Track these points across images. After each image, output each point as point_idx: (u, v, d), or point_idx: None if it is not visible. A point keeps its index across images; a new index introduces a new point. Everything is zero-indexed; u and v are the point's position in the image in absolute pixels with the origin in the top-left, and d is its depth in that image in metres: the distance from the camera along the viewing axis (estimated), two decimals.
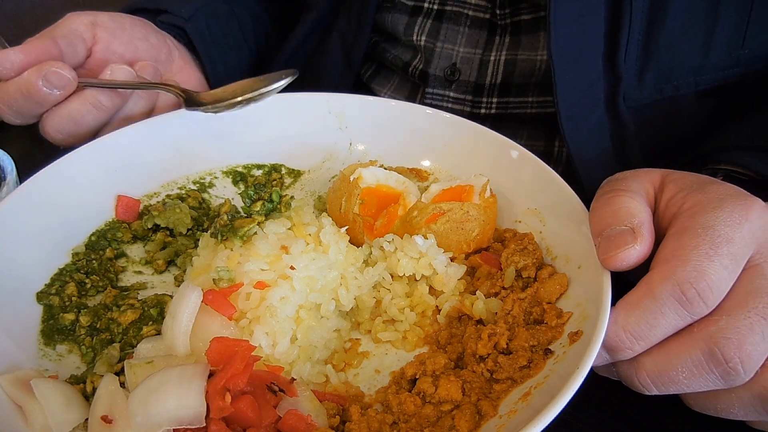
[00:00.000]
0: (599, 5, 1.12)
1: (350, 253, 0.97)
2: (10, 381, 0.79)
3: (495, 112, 1.37)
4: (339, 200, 1.03)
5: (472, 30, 1.36)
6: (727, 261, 0.71)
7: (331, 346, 0.94)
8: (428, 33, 1.40)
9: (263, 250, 0.90)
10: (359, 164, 1.08)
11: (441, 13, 1.39)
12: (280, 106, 1.23)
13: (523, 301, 0.89)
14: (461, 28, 1.37)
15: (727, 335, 0.69)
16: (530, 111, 1.35)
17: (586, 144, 1.18)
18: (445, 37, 1.38)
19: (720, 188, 0.79)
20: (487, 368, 0.84)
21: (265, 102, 1.24)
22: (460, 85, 1.38)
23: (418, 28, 1.41)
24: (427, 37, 1.40)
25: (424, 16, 1.41)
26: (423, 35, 1.40)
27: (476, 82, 1.37)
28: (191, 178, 1.20)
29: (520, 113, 1.36)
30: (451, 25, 1.38)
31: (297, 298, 0.89)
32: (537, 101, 1.33)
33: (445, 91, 1.41)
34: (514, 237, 1.02)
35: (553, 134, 1.36)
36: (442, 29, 1.39)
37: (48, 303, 0.95)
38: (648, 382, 0.74)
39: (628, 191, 0.82)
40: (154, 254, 1.07)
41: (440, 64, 1.39)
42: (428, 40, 1.39)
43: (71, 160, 1.06)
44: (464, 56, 1.37)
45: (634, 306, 0.73)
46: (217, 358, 0.76)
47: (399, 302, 0.97)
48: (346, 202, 1.02)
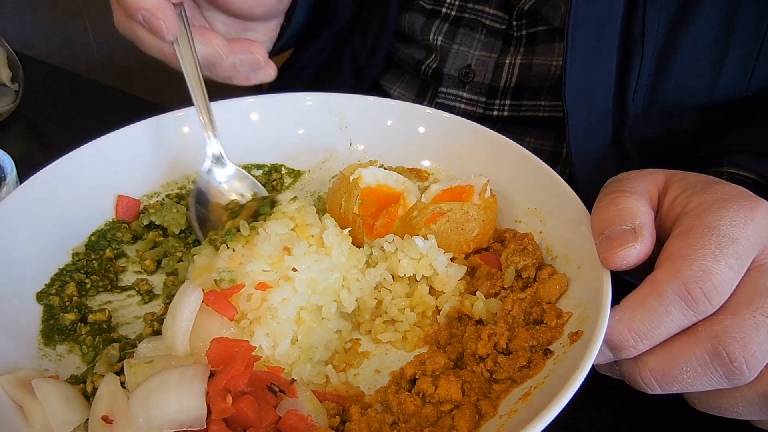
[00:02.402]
0: (612, 50, 1.15)
1: (353, 255, 0.97)
2: (10, 381, 0.79)
3: (507, 114, 1.38)
4: (339, 200, 1.03)
5: (488, 38, 1.37)
6: (733, 261, 0.71)
7: (331, 347, 0.94)
8: (445, 34, 1.41)
9: (265, 250, 0.90)
10: (359, 164, 1.08)
11: (458, 19, 1.40)
12: (280, 106, 1.23)
13: (523, 301, 0.89)
14: (477, 35, 1.38)
15: (732, 334, 0.69)
16: (542, 114, 1.35)
17: (592, 173, 1.21)
18: (462, 40, 1.40)
19: (724, 188, 0.79)
20: (487, 368, 0.84)
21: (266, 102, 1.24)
22: (474, 87, 1.39)
23: (435, 28, 1.41)
24: (443, 37, 1.40)
25: (441, 20, 1.42)
26: (440, 36, 1.41)
27: (490, 84, 1.37)
28: (191, 178, 1.20)
29: (531, 116, 1.37)
30: (468, 31, 1.39)
31: (298, 299, 0.89)
32: (549, 105, 1.34)
33: (458, 91, 1.42)
34: (514, 237, 1.02)
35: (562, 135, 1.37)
36: (458, 33, 1.40)
37: (48, 303, 0.95)
38: (651, 381, 0.74)
39: (631, 192, 0.82)
40: (143, 253, 1.07)
41: (455, 65, 1.40)
42: (445, 40, 1.40)
43: (71, 160, 1.06)
44: (480, 59, 1.38)
45: (639, 305, 0.73)
46: (217, 359, 0.76)
47: (399, 302, 0.97)
48: (346, 202, 1.02)
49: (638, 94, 1.18)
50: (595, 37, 1.13)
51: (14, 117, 1.50)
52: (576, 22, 1.10)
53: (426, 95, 1.49)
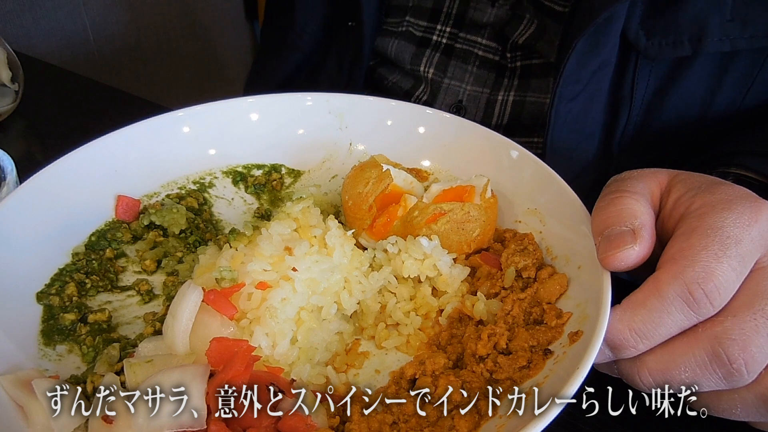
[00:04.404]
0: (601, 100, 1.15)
1: (355, 257, 0.97)
2: (10, 381, 0.79)
3: None
4: (365, 180, 1.02)
5: (481, 70, 1.35)
6: (735, 262, 0.71)
7: (332, 349, 0.93)
8: (436, 66, 1.37)
9: (267, 250, 0.90)
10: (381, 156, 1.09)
11: (450, 49, 1.37)
12: (280, 106, 1.23)
13: (523, 301, 0.89)
14: (470, 67, 1.35)
15: (732, 336, 0.69)
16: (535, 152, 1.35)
17: None
18: (453, 73, 1.37)
19: (729, 189, 0.79)
20: (487, 368, 0.84)
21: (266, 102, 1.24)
22: None
23: (426, 59, 1.38)
24: (435, 70, 1.37)
25: (432, 49, 1.39)
26: (431, 68, 1.37)
27: (482, 121, 1.35)
28: (191, 178, 1.20)
29: None
30: (460, 63, 1.36)
31: (298, 299, 0.89)
32: (542, 141, 1.33)
33: None
34: (514, 237, 1.02)
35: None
36: (450, 65, 1.37)
37: (48, 303, 0.94)
38: (650, 381, 0.74)
39: (633, 193, 0.82)
40: (143, 253, 1.07)
41: (446, 100, 1.37)
42: (436, 73, 1.37)
43: (71, 160, 1.05)
44: (471, 94, 1.35)
45: (641, 304, 0.73)
46: (217, 359, 0.76)
47: (404, 306, 0.97)
48: (374, 185, 1.01)
49: (624, 140, 1.18)
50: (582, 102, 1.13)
51: (14, 117, 1.50)
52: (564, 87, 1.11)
53: None
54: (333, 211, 1.15)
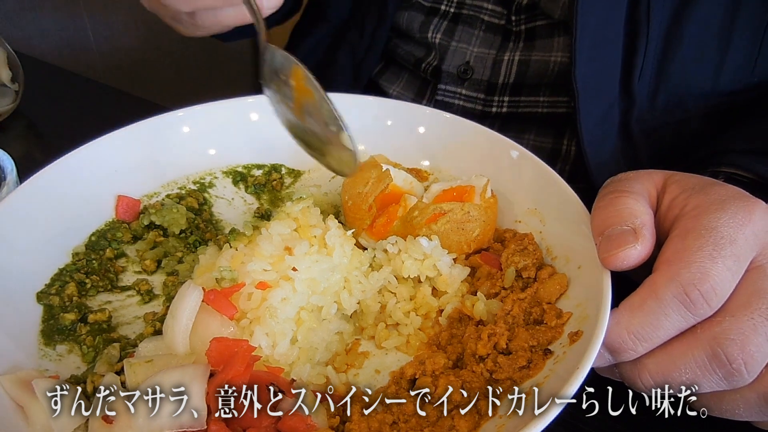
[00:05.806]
0: (619, 31, 1.15)
1: (355, 257, 0.97)
2: (10, 381, 0.79)
3: (506, 111, 1.38)
4: (364, 180, 1.02)
5: (487, 34, 1.38)
6: (731, 262, 0.71)
7: (332, 349, 0.94)
8: (443, 32, 1.41)
9: (267, 250, 0.90)
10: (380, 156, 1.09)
11: (457, 16, 1.40)
12: None
13: (523, 301, 0.89)
14: (476, 31, 1.39)
15: (730, 336, 0.69)
16: (541, 110, 1.36)
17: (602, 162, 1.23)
18: (460, 37, 1.40)
19: (722, 190, 0.79)
20: (487, 368, 0.84)
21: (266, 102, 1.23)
22: (472, 84, 1.39)
23: (433, 27, 1.42)
24: (442, 35, 1.41)
25: (440, 17, 1.42)
26: (438, 33, 1.41)
27: (489, 81, 1.38)
28: (191, 178, 1.20)
29: (530, 112, 1.37)
30: (467, 27, 1.40)
31: (298, 299, 0.89)
32: (548, 101, 1.34)
33: (457, 88, 1.42)
34: (514, 237, 1.02)
35: (561, 132, 1.37)
36: (457, 30, 1.40)
37: (48, 303, 0.94)
38: (651, 383, 0.74)
39: (631, 192, 0.82)
40: (143, 253, 1.07)
41: (454, 62, 1.40)
42: (443, 38, 1.41)
43: (71, 160, 1.06)
44: (478, 55, 1.38)
45: (638, 308, 0.73)
46: (217, 359, 0.76)
47: (404, 306, 0.97)
48: (373, 185, 1.01)
49: (644, 78, 1.18)
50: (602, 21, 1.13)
51: (14, 117, 1.50)
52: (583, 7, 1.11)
53: (425, 93, 1.49)
54: (333, 211, 1.15)
